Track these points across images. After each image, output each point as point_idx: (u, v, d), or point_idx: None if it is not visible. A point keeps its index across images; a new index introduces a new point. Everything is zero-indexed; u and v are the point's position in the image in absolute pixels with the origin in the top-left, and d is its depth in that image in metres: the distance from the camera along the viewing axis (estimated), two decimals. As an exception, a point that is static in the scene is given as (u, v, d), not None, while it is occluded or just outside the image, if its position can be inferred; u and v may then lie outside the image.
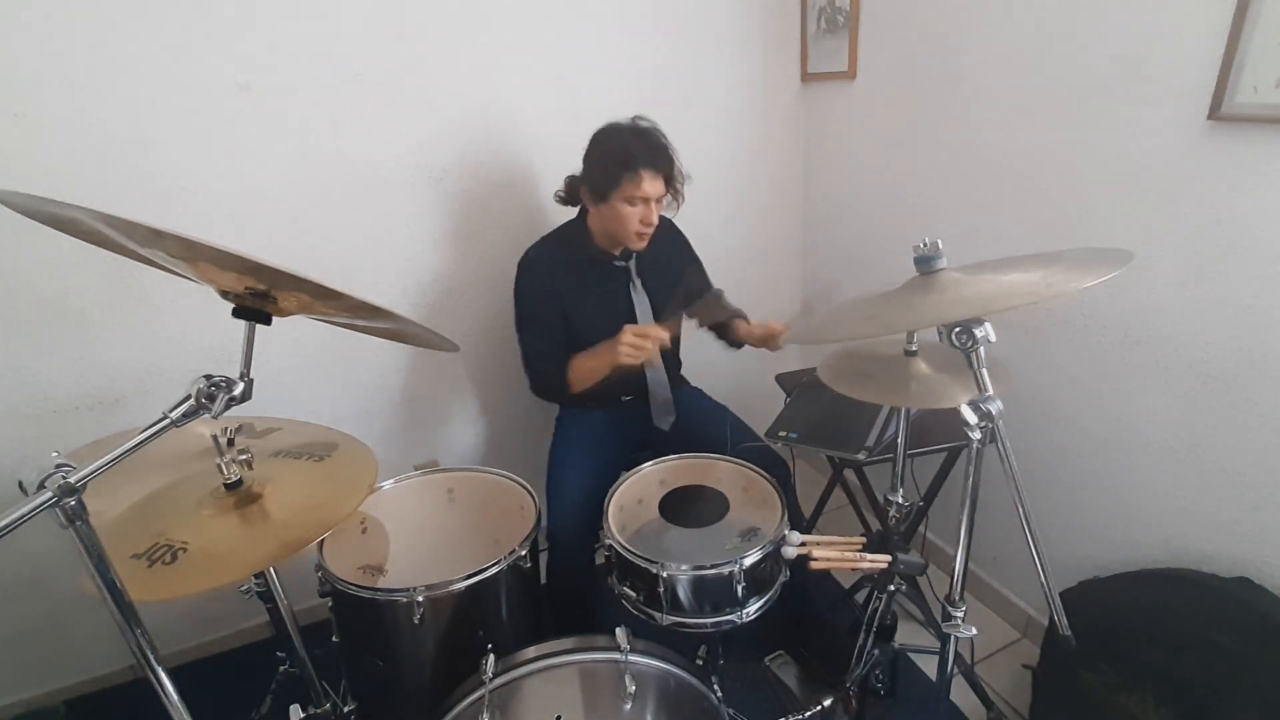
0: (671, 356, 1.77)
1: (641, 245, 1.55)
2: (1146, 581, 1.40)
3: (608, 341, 1.44)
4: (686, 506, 1.39)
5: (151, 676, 0.77)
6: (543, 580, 1.54)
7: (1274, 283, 1.17)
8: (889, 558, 1.15)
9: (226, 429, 1.02)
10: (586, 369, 1.53)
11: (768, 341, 1.63)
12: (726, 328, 1.71)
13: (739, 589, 1.20)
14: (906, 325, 1.11)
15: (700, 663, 1.35)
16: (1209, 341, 1.27)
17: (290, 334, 1.54)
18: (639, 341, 1.38)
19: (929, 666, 1.69)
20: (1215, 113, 1.17)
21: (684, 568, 1.18)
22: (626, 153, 1.44)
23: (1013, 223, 1.58)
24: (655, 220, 1.50)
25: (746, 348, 1.71)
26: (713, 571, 1.18)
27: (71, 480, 0.67)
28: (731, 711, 1.23)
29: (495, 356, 1.95)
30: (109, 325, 1.54)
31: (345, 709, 1.39)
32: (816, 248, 2.31)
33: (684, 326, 1.66)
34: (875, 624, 1.34)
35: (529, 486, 1.47)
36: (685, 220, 1.76)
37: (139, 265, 0.89)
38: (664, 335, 1.40)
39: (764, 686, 1.65)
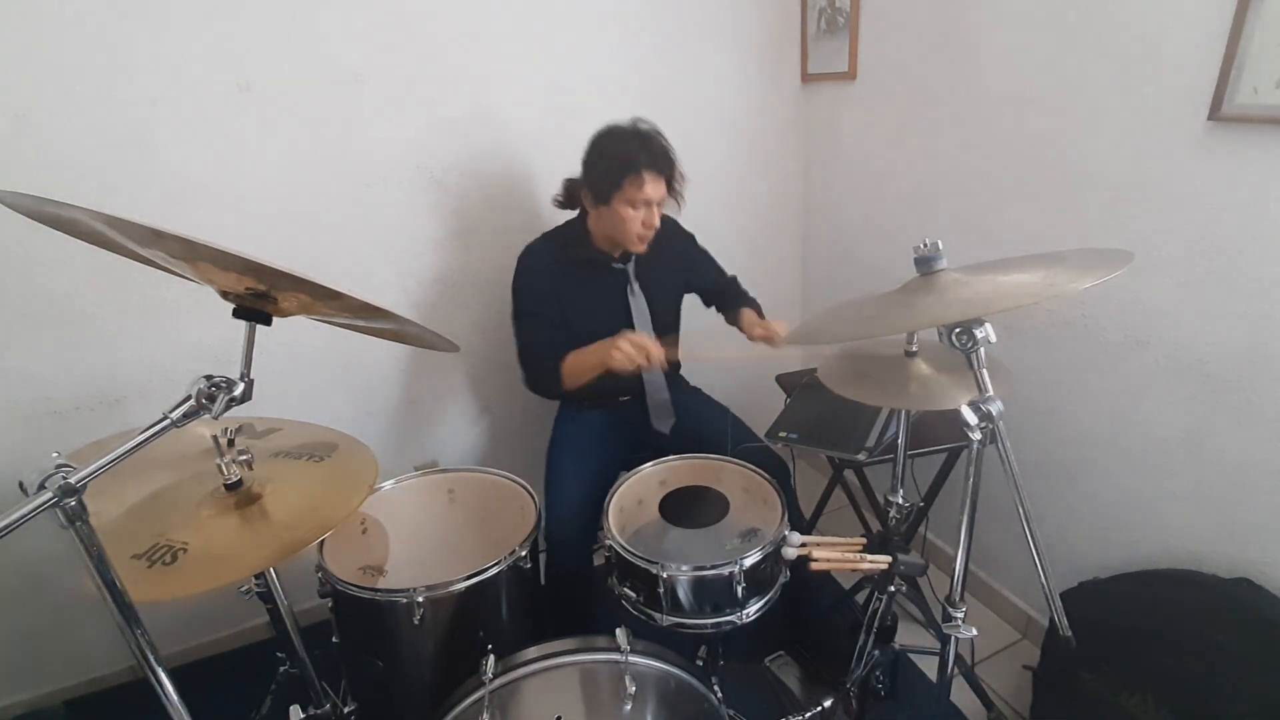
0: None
1: (642, 248, 1.54)
2: (1147, 582, 1.40)
3: (604, 340, 1.44)
4: (687, 507, 1.39)
5: (151, 677, 0.77)
6: (541, 581, 1.54)
7: (1274, 283, 1.17)
8: (889, 558, 1.16)
9: (227, 429, 1.02)
10: (580, 365, 1.54)
11: (768, 340, 1.62)
12: (735, 313, 1.72)
13: (739, 590, 1.19)
14: (906, 326, 1.11)
15: (700, 663, 1.35)
16: (1209, 342, 1.27)
17: (290, 334, 1.53)
18: (631, 351, 1.38)
19: (929, 667, 1.69)
20: (1215, 113, 1.17)
21: (684, 568, 1.18)
22: (629, 155, 1.43)
23: (1013, 223, 1.58)
24: (656, 223, 1.50)
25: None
26: (713, 572, 1.18)
27: (71, 480, 0.67)
28: (732, 712, 1.23)
29: (495, 356, 1.95)
30: (109, 326, 1.54)
31: (345, 709, 1.39)
32: (816, 248, 2.31)
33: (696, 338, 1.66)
34: (875, 625, 1.33)
35: (529, 487, 1.46)
36: (685, 220, 1.76)
37: (139, 266, 0.89)
38: (661, 355, 1.40)
39: (764, 687, 1.65)
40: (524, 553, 1.31)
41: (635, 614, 1.25)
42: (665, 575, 1.18)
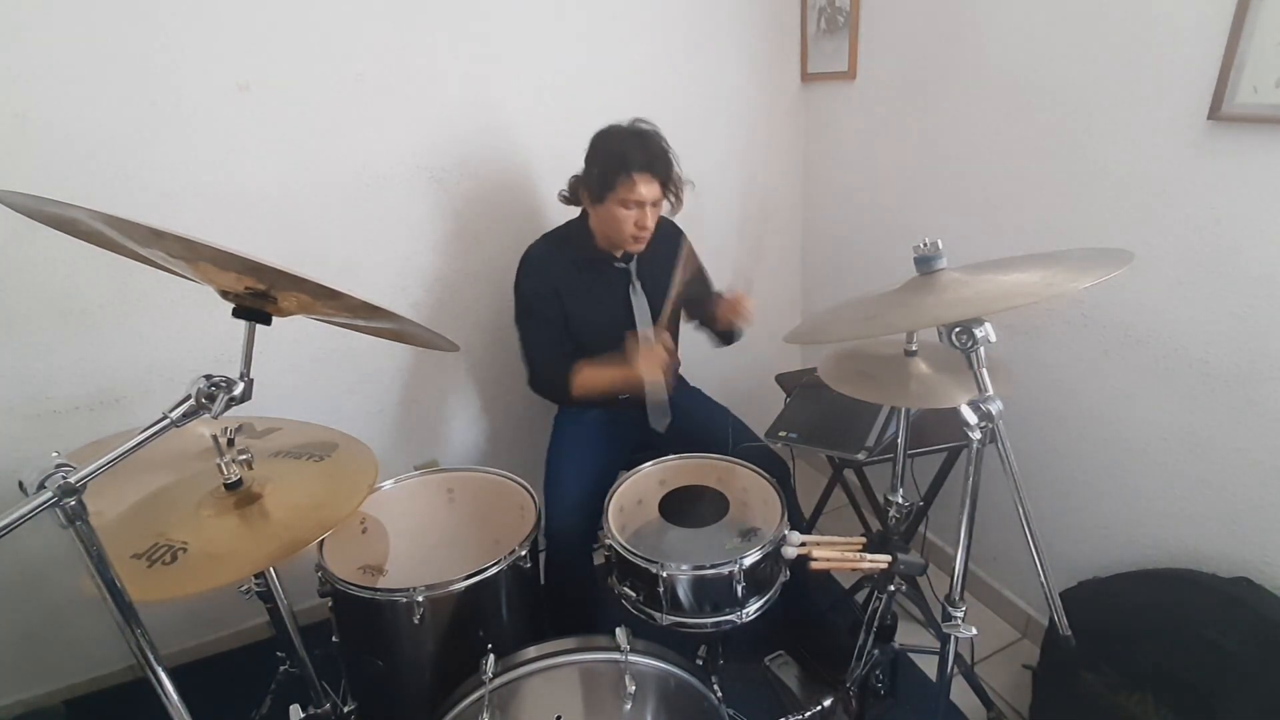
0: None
1: (638, 249, 1.55)
2: (1147, 581, 1.40)
3: (618, 355, 1.49)
4: (686, 507, 1.39)
5: (151, 676, 0.77)
6: (541, 580, 1.54)
7: (1274, 283, 1.17)
8: (889, 558, 1.15)
9: (226, 429, 1.02)
10: (594, 380, 1.55)
11: (737, 309, 1.60)
12: (712, 317, 1.70)
13: (739, 589, 1.19)
14: (906, 325, 1.11)
15: (700, 663, 1.35)
16: (1209, 341, 1.27)
17: (290, 334, 1.54)
18: (658, 353, 1.46)
19: (929, 666, 1.69)
20: (1215, 113, 1.17)
21: (684, 568, 1.18)
22: (622, 156, 1.44)
23: (1013, 223, 1.58)
24: (650, 225, 1.50)
25: (744, 348, 1.71)
26: (713, 571, 1.18)
27: (71, 480, 0.67)
28: (731, 711, 1.23)
29: (495, 356, 1.95)
30: (109, 325, 1.54)
31: (345, 709, 1.39)
32: (816, 248, 2.31)
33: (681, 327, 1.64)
34: (875, 624, 1.33)
35: (529, 486, 1.47)
36: (685, 220, 1.75)
37: (139, 265, 0.89)
38: (669, 346, 1.46)
39: (764, 686, 1.65)
40: (524, 552, 1.31)
41: (635, 613, 1.25)
42: (665, 575, 1.18)
